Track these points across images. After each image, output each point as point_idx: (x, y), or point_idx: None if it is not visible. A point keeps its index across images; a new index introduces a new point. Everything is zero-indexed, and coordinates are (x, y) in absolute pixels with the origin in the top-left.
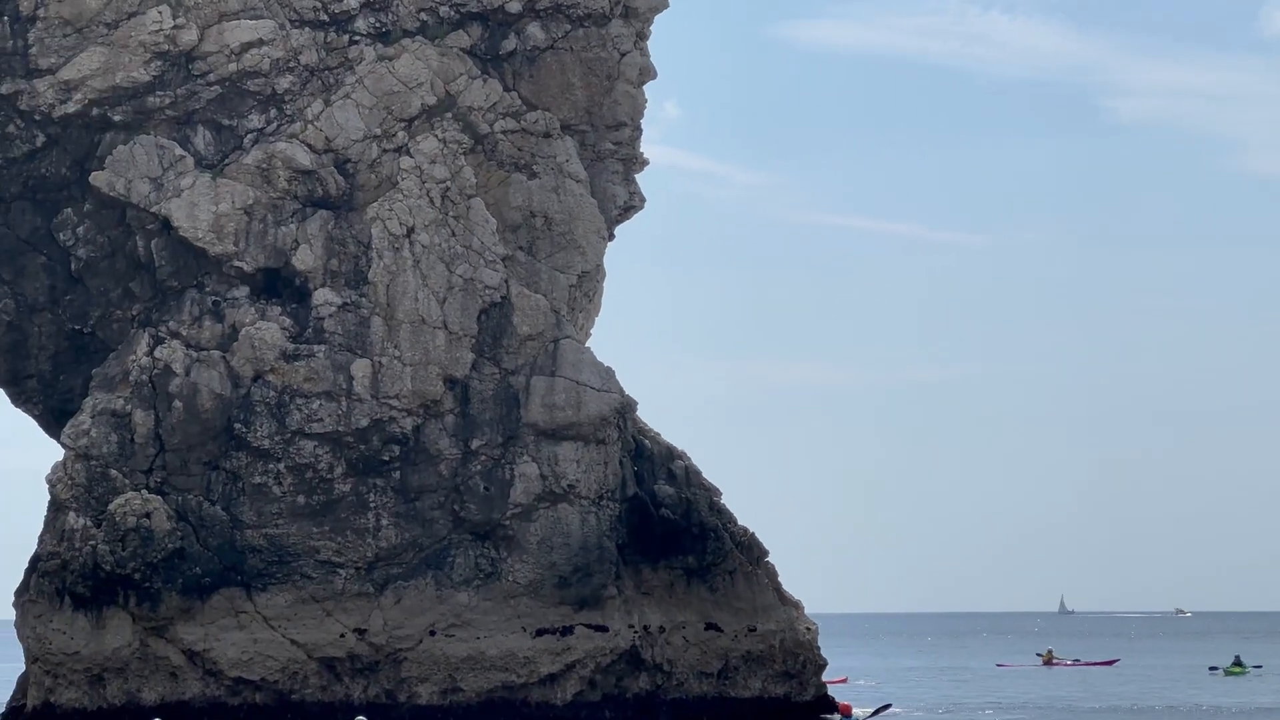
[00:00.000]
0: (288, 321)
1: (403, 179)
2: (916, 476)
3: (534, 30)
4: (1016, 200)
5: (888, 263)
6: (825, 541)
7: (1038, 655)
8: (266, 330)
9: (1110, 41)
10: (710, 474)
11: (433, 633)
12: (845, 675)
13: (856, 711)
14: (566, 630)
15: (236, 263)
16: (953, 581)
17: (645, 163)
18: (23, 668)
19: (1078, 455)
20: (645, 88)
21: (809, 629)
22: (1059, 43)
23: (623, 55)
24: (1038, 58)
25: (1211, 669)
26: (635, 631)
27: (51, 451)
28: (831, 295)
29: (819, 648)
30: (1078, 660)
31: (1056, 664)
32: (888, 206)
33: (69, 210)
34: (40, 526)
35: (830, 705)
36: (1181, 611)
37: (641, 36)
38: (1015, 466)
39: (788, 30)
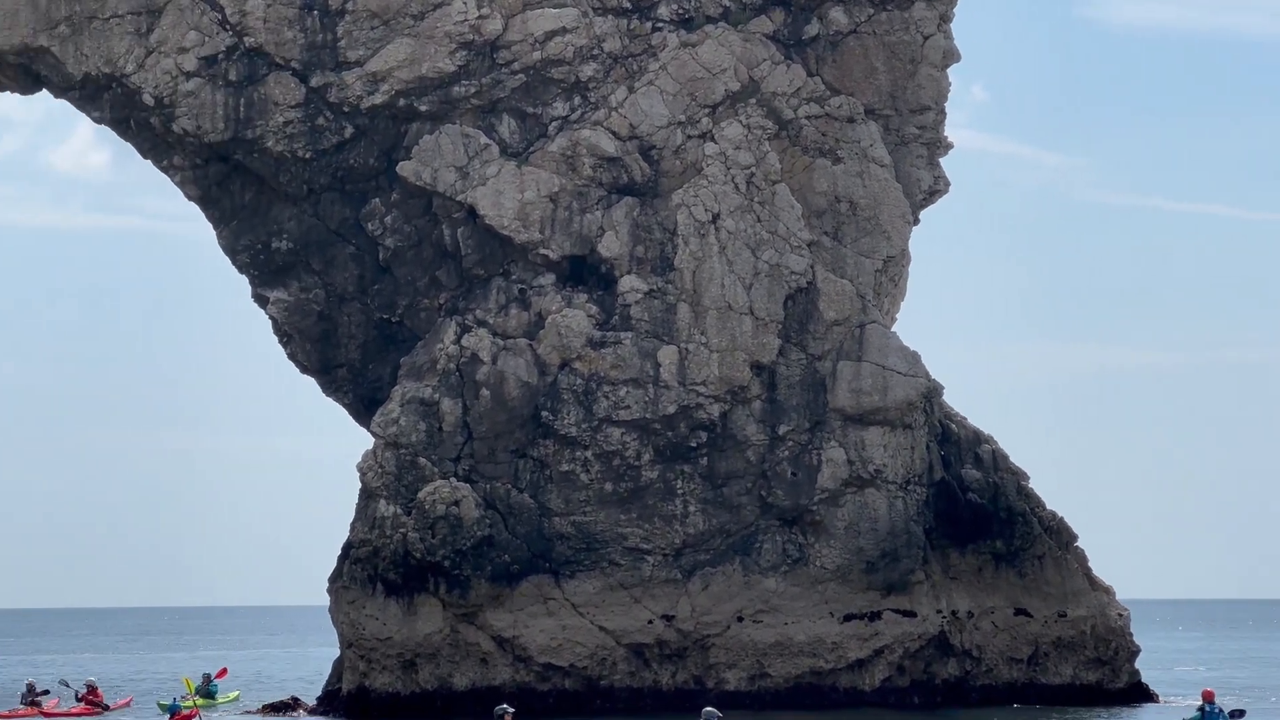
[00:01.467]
0: (594, 309)
1: (707, 165)
2: (1228, 459)
3: (837, 15)
4: None
5: (1199, 244)
6: (1136, 526)
7: None
8: (573, 318)
9: None
10: (1017, 458)
11: (740, 619)
12: None
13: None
14: (874, 615)
15: (542, 250)
16: (1269, 566)
17: (949, 146)
18: (338, 653)
19: None
20: (950, 71)
21: (1120, 615)
22: None
23: (926, 38)
24: None
25: None
26: (943, 617)
27: (361, 440)
28: (1140, 278)
29: (1131, 634)
30: None
31: None
32: (1199, 187)
33: (377, 200)
34: (352, 514)
35: (1145, 692)
36: None
37: (945, 19)
38: None
39: (1097, 10)
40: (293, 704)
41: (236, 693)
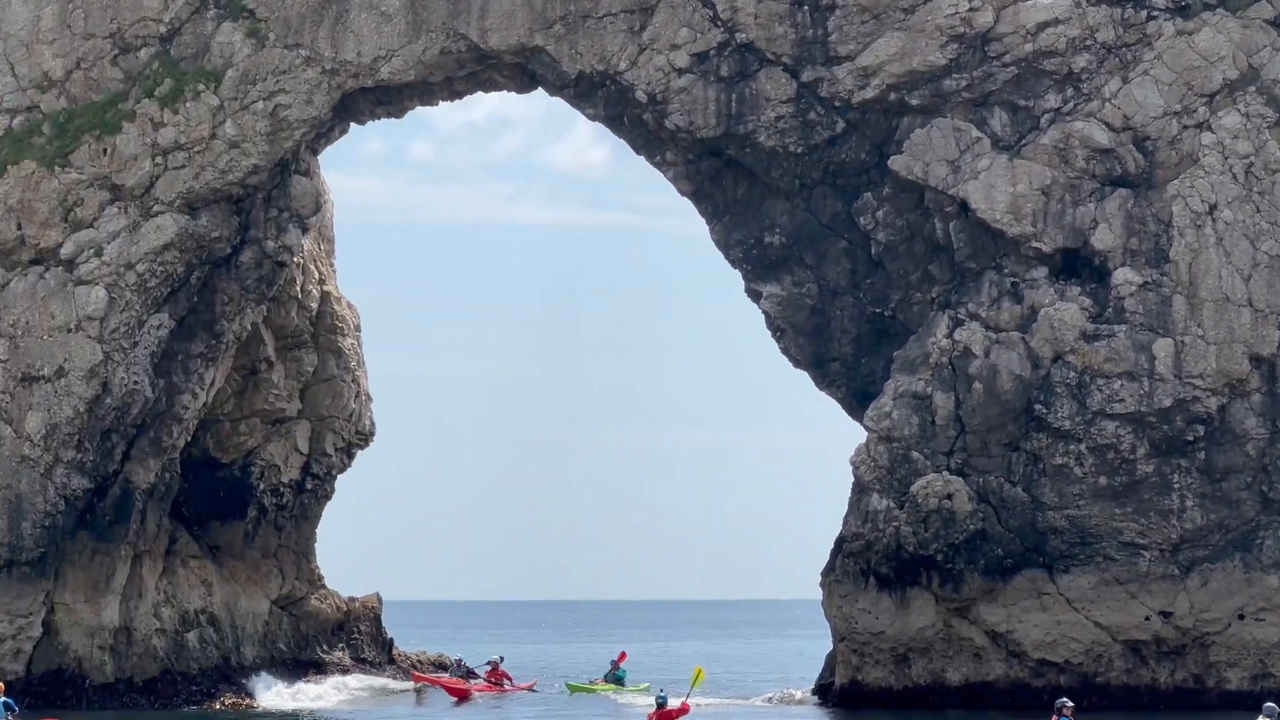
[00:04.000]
0: (1087, 302)
1: (1204, 155)
2: None
3: None
4: None
5: None
6: None
7: None
8: (1066, 311)
9: None
10: None
11: (1241, 616)
12: None
13: None
14: None
15: (1034, 244)
16: None
17: None
18: (830, 646)
19: None
20: None
21: None
22: None
23: None
24: None
25: None
26: None
27: (854, 434)
28: None
29: None
30: None
31: None
32: None
33: (868, 195)
34: (844, 508)
35: None
36: None
37: None
38: None
39: None
40: (785, 697)
41: (645, 684)
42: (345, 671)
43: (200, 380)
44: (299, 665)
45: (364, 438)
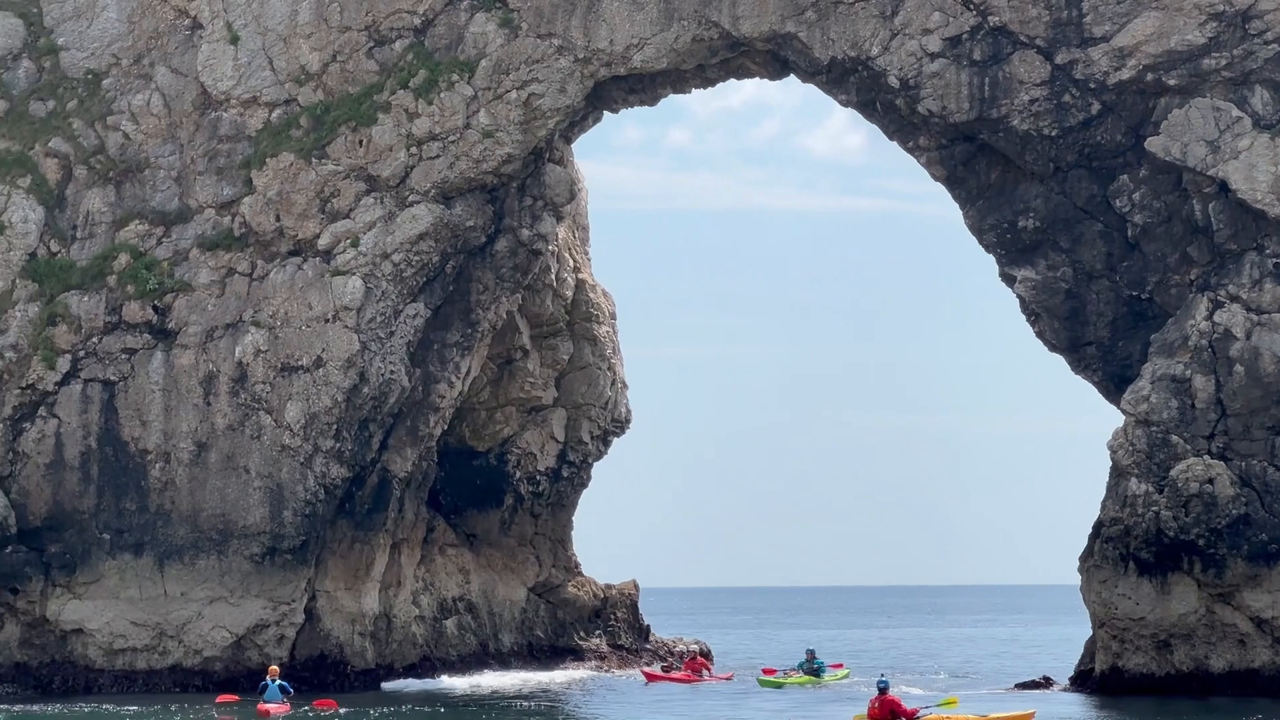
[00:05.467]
0: None
1: None
2: None
3: None
4: None
5: None
6: None
7: None
8: None
9: None
10: None
11: None
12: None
13: None
14: None
15: None
16: None
17: None
18: (1089, 632)
19: None
20: None
21: None
22: None
23: None
24: None
25: None
26: None
27: (1111, 418)
28: None
29: None
30: None
31: None
32: None
33: (1125, 177)
34: (1102, 493)
35: None
36: None
37: None
38: None
39: None
40: (1045, 683)
41: (846, 671)
42: (602, 659)
43: (456, 369)
44: (556, 652)
45: (620, 425)
